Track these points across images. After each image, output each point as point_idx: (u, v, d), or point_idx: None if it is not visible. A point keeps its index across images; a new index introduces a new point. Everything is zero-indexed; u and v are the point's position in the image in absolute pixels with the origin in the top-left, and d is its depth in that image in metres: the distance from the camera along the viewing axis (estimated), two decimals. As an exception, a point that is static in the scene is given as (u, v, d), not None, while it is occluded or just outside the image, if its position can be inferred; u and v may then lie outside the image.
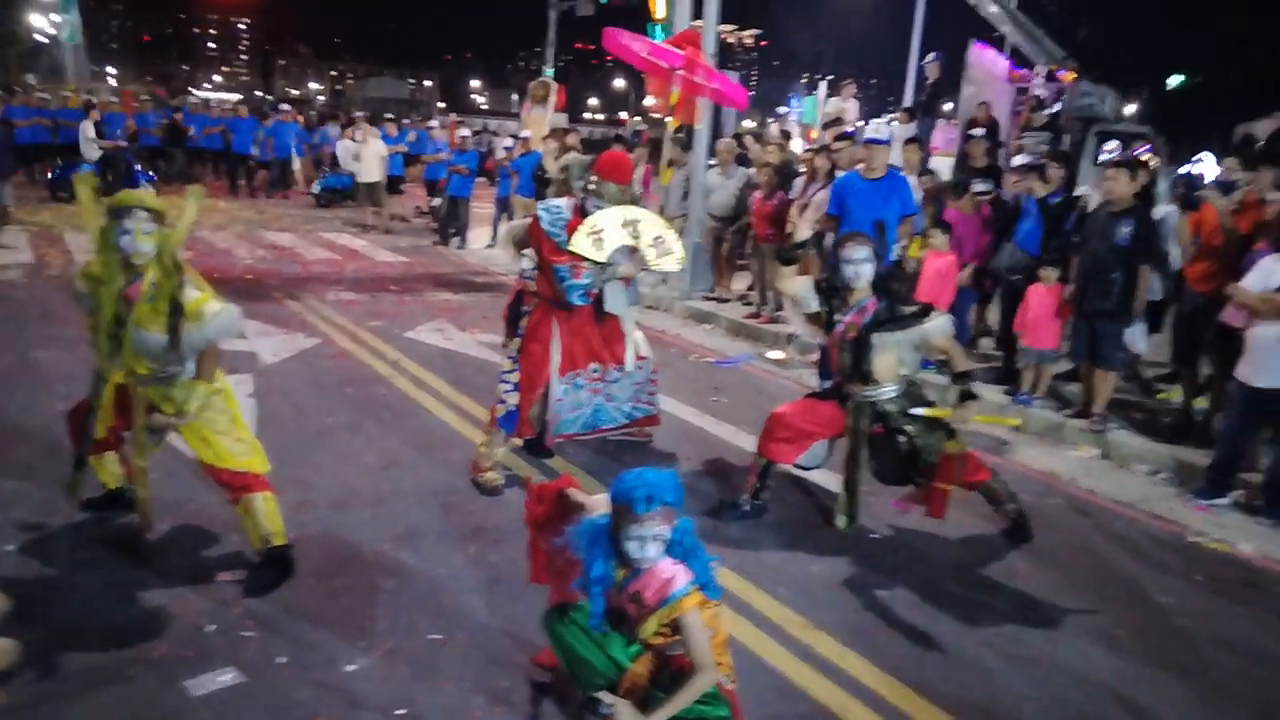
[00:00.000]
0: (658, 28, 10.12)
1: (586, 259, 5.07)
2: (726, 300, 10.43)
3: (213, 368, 3.87)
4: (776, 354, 8.69)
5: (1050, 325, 6.88)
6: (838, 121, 13.10)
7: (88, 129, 16.41)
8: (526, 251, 5.40)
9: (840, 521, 4.84)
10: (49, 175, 16.57)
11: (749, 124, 26.34)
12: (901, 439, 4.68)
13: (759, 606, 4.04)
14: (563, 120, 23.04)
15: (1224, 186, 6.56)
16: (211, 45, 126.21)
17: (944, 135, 13.09)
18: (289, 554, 4.00)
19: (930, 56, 13.62)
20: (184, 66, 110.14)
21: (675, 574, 2.83)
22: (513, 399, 5.22)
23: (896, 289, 4.85)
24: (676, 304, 10.30)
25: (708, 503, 5.11)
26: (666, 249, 5.29)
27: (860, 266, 4.64)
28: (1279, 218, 5.78)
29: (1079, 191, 7.43)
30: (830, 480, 5.25)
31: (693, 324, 9.89)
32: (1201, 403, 6.68)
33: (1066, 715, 3.44)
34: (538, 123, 19.48)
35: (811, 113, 17.24)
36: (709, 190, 10.09)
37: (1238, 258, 6.06)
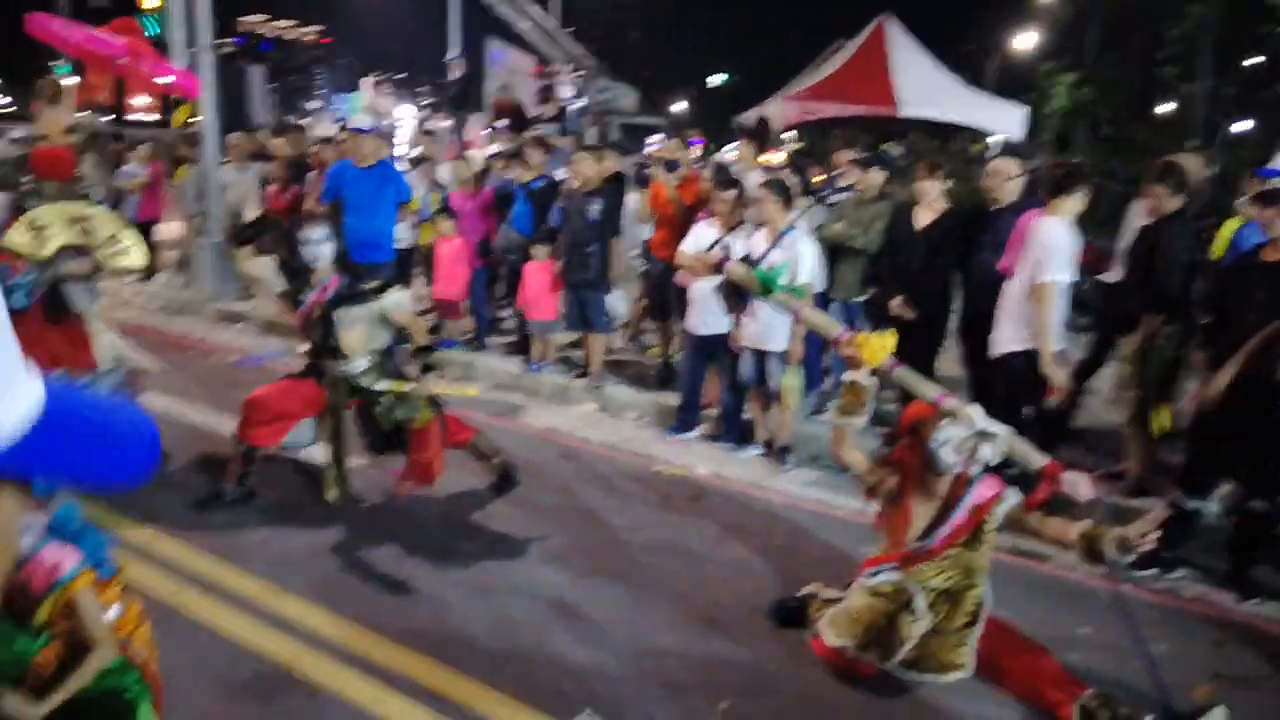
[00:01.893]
0: (150, 18, 9.49)
1: (27, 256, 4.73)
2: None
3: None
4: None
5: (547, 298, 7.52)
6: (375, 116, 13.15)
7: None
8: (-41, 253, 4.91)
9: (331, 495, 4.99)
10: None
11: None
12: (378, 409, 4.93)
13: (228, 584, 4.07)
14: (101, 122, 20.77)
15: (670, 165, 7.54)
16: None
17: (476, 130, 13.65)
18: None
19: (452, 55, 14.14)
20: None
21: (61, 559, 2.78)
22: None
23: (357, 267, 5.07)
24: (205, 307, 9.80)
25: (199, 495, 4.99)
26: (123, 249, 5.08)
27: (319, 247, 4.79)
28: (711, 190, 6.80)
29: (560, 175, 8.15)
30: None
31: (223, 326, 9.47)
32: (677, 354, 7.68)
33: (507, 627, 3.88)
34: (53, 125, 17.33)
35: (356, 108, 17.15)
36: (225, 186, 9.69)
37: (685, 226, 7.04)
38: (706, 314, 6.27)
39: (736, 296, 4.43)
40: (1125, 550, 3.33)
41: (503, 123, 11.67)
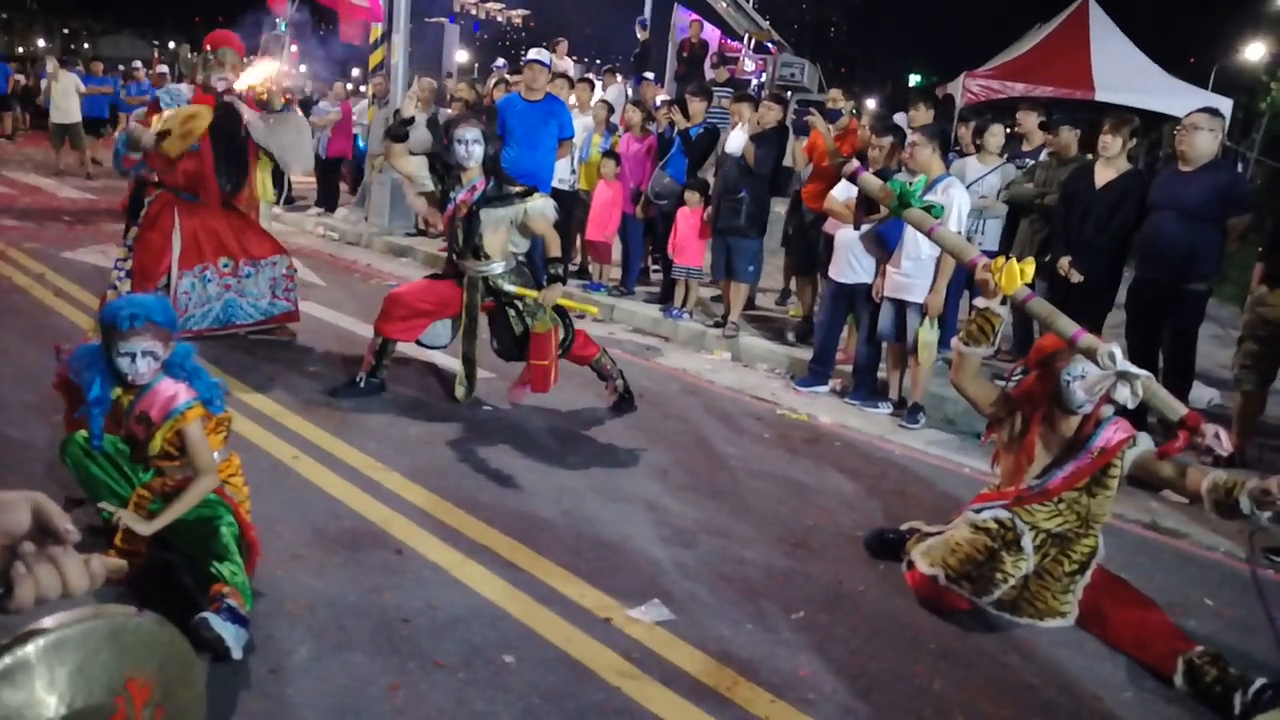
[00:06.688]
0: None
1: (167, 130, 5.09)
2: (429, 235, 10.52)
3: None
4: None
5: (695, 244, 7.49)
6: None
7: None
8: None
9: (459, 392, 5.15)
10: None
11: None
12: (511, 314, 5.04)
13: (341, 455, 4.27)
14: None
15: (831, 115, 7.36)
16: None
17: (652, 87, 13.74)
18: None
19: (639, 20, 14.30)
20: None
21: (177, 392, 2.99)
22: (124, 286, 5.17)
23: (505, 173, 5.17)
24: (376, 239, 10.33)
25: (332, 384, 5.25)
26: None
27: (471, 146, 4.91)
28: (869, 140, 6.59)
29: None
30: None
31: (390, 258, 9.95)
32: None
33: (596, 523, 3.90)
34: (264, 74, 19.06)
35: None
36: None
37: (839, 178, 6.85)
38: (848, 261, 6.10)
39: (868, 209, 4.26)
40: (1264, 504, 2.98)
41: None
